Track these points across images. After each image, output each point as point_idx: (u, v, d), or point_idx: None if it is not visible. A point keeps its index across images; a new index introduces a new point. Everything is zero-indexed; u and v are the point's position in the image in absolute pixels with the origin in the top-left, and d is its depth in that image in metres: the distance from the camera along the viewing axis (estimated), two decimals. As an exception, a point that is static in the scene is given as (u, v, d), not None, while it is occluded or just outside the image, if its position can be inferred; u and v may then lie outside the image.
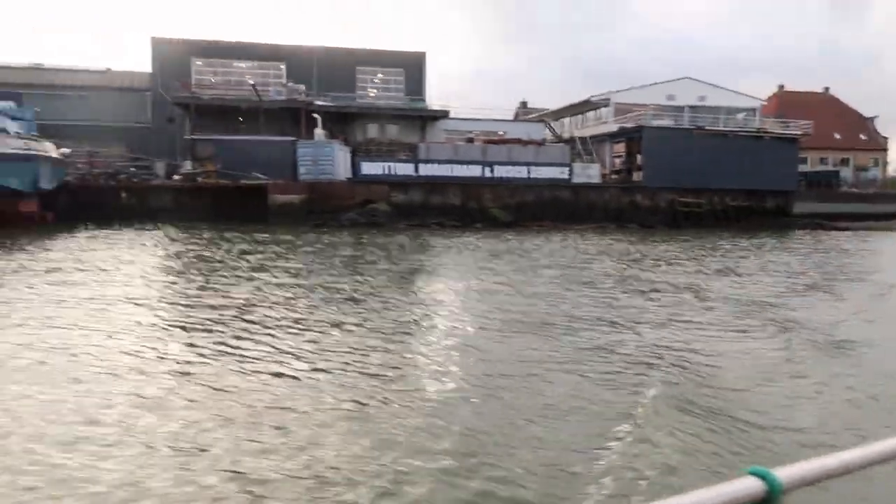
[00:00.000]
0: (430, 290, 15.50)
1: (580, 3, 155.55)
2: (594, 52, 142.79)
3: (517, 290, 15.41)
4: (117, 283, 15.74)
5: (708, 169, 41.49)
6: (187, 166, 40.78)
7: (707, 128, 44.89)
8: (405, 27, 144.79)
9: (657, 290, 15.37)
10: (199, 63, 48.48)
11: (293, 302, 13.35)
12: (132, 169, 41.12)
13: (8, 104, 36.81)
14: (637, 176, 44.55)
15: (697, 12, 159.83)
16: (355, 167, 39.52)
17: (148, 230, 31.31)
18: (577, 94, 60.49)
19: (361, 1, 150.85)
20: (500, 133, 52.45)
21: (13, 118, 35.56)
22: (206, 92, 44.97)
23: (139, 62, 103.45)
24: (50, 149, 34.10)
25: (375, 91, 52.17)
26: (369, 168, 38.61)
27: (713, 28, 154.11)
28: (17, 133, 32.57)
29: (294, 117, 43.36)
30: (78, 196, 36.74)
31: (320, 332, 10.44)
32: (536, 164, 40.27)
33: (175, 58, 47.78)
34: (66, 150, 36.68)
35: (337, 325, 11.09)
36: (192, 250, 23.64)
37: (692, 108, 48.78)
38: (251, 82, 43.59)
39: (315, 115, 41.08)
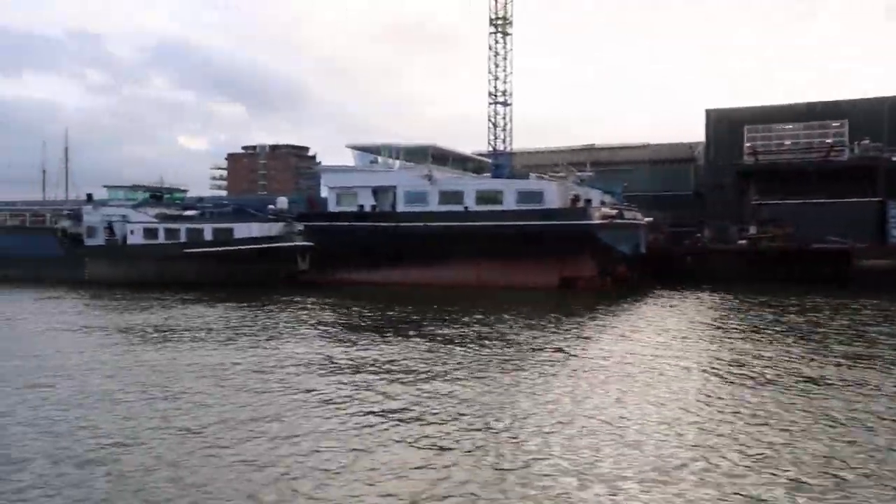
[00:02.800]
0: None
1: None
2: None
3: None
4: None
5: None
6: (751, 230, 41.28)
7: None
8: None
9: None
10: (750, 129, 49.15)
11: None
12: (698, 234, 43.39)
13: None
14: None
15: None
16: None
17: (715, 293, 31.92)
18: None
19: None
20: None
21: (605, 192, 41.43)
22: (765, 157, 45.16)
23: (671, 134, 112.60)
24: (641, 218, 38.50)
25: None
26: None
27: None
28: (625, 206, 37.69)
29: (866, 176, 40.15)
30: (648, 259, 40.04)
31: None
32: None
33: (727, 126, 49.49)
34: (649, 219, 40.81)
35: None
36: (768, 314, 23.24)
37: None
38: (828, 142, 42.08)
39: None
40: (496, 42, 52.67)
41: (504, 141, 53.32)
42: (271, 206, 36.35)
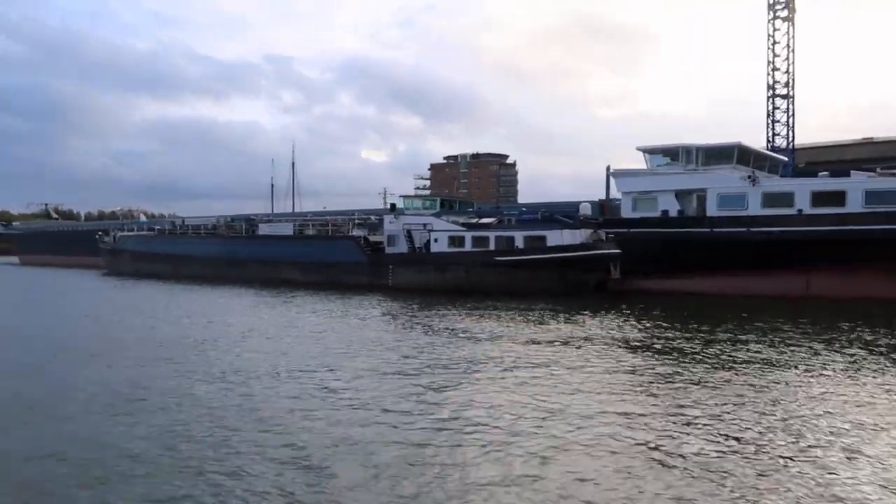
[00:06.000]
0: None
1: None
2: None
3: None
4: None
5: None
6: None
7: None
8: None
9: None
10: None
11: None
12: None
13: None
14: None
15: None
16: None
17: None
18: None
19: None
20: None
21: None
22: None
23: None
24: None
25: None
26: None
27: None
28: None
29: None
30: None
31: None
32: None
33: None
34: None
35: None
36: None
37: None
38: None
39: None
40: (775, 29, 48.27)
41: (786, 136, 48.70)
42: (580, 214, 35.26)
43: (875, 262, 29.73)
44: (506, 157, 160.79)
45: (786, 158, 41.77)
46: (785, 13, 47.44)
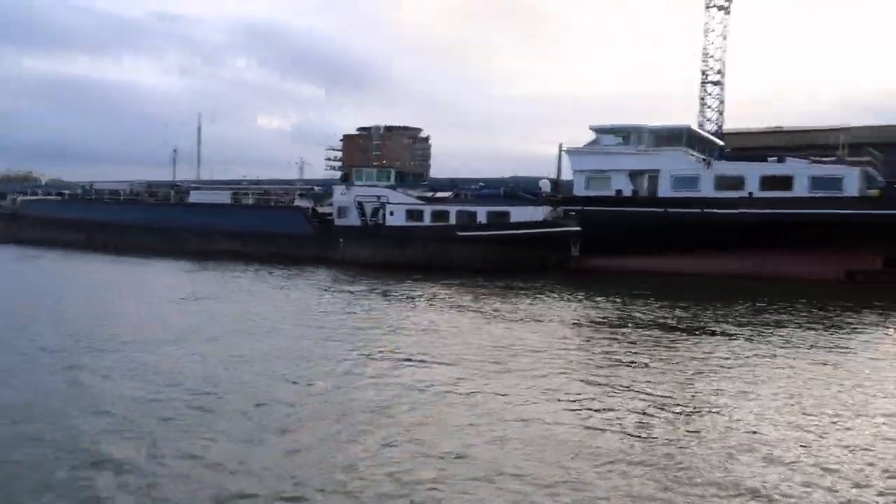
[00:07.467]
0: None
1: None
2: None
3: None
4: None
5: None
6: None
7: None
8: None
9: None
10: None
11: None
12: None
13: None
14: None
15: None
16: None
17: None
18: None
19: None
20: None
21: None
22: None
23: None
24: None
25: None
26: None
27: None
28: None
29: None
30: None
31: None
32: None
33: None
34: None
35: None
36: None
37: None
38: None
39: None
40: (711, 17, 50.10)
41: (716, 122, 50.95)
42: (541, 191, 35.20)
43: (822, 245, 31.41)
44: (419, 130, 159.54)
45: (722, 143, 43.57)
46: (721, 1, 49.24)
